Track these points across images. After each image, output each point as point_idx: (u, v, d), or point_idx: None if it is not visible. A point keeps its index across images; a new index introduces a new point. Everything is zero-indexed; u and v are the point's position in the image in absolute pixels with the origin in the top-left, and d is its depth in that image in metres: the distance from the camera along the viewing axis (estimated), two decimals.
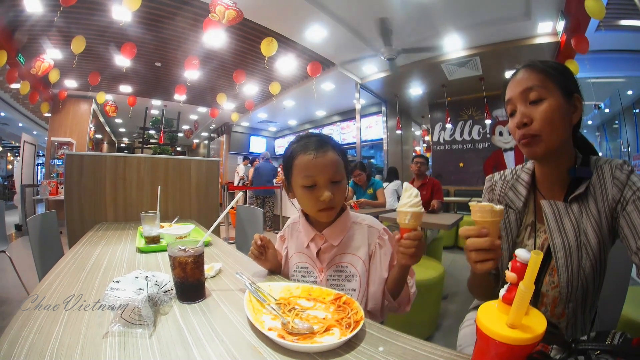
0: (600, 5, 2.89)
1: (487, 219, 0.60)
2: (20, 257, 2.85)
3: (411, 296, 0.86)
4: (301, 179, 0.84)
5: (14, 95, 6.57)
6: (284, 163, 0.91)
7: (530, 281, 0.36)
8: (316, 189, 0.83)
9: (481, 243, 0.60)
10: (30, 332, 0.56)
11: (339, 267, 0.89)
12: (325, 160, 0.83)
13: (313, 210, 0.86)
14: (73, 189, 2.08)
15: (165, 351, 0.52)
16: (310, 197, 0.84)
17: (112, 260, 1.10)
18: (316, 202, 0.83)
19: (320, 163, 0.82)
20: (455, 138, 6.76)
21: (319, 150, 0.83)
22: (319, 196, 0.82)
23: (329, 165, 0.83)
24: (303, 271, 0.93)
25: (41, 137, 9.24)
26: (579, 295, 0.74)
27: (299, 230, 0.97)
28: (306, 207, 0.88)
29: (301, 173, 0.83)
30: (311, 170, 0.82)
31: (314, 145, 0.84)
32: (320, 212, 0.85)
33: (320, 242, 0.90)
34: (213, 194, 2.68)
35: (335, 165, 0.84)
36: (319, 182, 0.83)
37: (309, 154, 0.83)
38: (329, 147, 0.85)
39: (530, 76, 0.74)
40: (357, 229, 0.92)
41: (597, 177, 0.74)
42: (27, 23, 4.20)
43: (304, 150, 0.84)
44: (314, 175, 0.82)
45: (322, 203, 0.83)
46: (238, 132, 10.79)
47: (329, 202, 0.82)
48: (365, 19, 4.19)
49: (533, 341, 0.36)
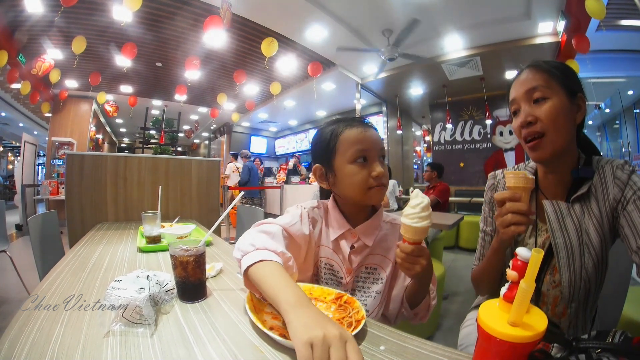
0: (601, 5, 2.89)
1: (519, 185, 0.65)
2: (20, 256, 2.85)
3: (430, 307, 0.81)
4: (350, 154, 0.77)
5: (14, 96, 6.57)
6: (320, 147, 0.83)
7: (531, 279, 0.36)
8: (367, 165, 0.78)
9: (519, 206, 0.65)
10: (31, 332, 0.56)
11: (367, 269, 0.84)
12: (373, 134, 0.80)
13: (362, 190, 0.77)
14: (74, 189, 2.08)
15: (167, 350, 0.52)
16: (361, 173, 0.77)
17: (113, 260, 1.10)
18: (367, 178, 0.76)
19: (370, 136, 0.79)
20: (455, 138, 6.75)
21: (366, 125, 0.81)
22: (371, 171, 0.77)
23: (377, 139, 0.80)
24: (327, 268, 0.85)
25: (42, 137, 9.24)
26: (582, 294, 0.74)
27: (323, 219, 0.87)
28: (355, 186, 0.78)
29: (351, 148, 0.78)
30: (362, 143, 0.77)
31: (357, 121, 0.81)
32: (370, 191, 0.77)
33: (353, 239, 0.83)
34: (214, 194, 2.68)
35: (381, 141, 0.82)
36: (370, 155, 0.78)
37: (357, 128, 0.79)
38: (370, 124, 0.83)
39: (534, 76, 0.74)
40: (389, 229, 0.87)
41: (599, 177, 0.74)
42: (27, 23, 4.21)
43: (349, 126, 0.80)
44: (366, 149, 0.77)
45: (374, 180, 0.77)
46: (238, 132, 10.81)
47: (381, 177, 0.77)
48: (365, 18, 4.19)
49: (534, 339, 0.36)
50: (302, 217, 0.83)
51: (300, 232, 0.80)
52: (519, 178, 0.66)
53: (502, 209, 0.68)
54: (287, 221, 0.80)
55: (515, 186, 0.66)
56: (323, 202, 0.89)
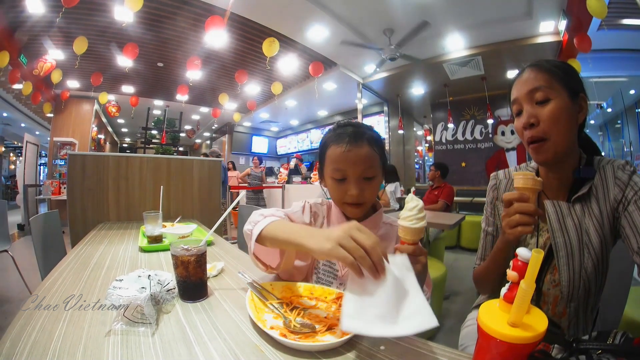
0: (602, 4, 2.88)
1: (528, 186, 0.65)
2: (22, 256, 2.87)
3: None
4: (331, 171, 0.80)
5: (16, 96, 6.60)
6: (319, 150, 0.87)
7: (532, 280, 0.36)
8: (345, 183, 0.79)
9: (526, 207, 0.65)
10: (32, 330, 0.56)
11: None
12: (358, 154, 0.77)
13: (340, 203, 0.83)
14: (76, 189, 2.09)
15: (168, 349, 0.52)
16: (338, 190, 0.80)
17: (115, 260, 1.10)
18: (343, 196, 0.79)
19: (352, 157, 0.77)
20: (457, 138, 6.74)
21: (352, 143, 0.77)
22: (346, 191, 0.78)
23: (362, 160, 0.77)
24: (328, 266, 0.86)
25: (43, 138, 9.28)
26: (581, 294, 0.74)
27: (325, 215, 0.89)
28: (334, 198, 0.84)
29: (331, 165, 0.79)
30: (342, 164, 0.77)
31: (348, 136, 0.78)
32: (346, 206, 0.81)
33: None
34: (215, 193, 2.68)
35: (368, 161, 0.78)
36: (349, 176, 0.78)
37: (341, 146, 0.77)
38: (364, 139, 0.78)
39: (536, 76, 0.73)
40: (388, 230, 0.87)
41: (600, 178, 0.74)
42: (29, 24, 4.22)
43: (337, 141, 0.79)
44: (344, 169, 0.77)
45: (349, 197, 0.78)
46: (240, 132, 10.82)
47: (357, 198, 0.78)
48: (366, 18, 4.18)
49: (534, 340, 0.36)
50: (304, 209, 0.88)
51: (300, 220, 0.86)
52: (527, 179, 0.66)
53: (509, 210, 0.67)
54: (289, 210, 0.87)
55: (524, 187, 0.66)
56: (327, 201, 0.91)
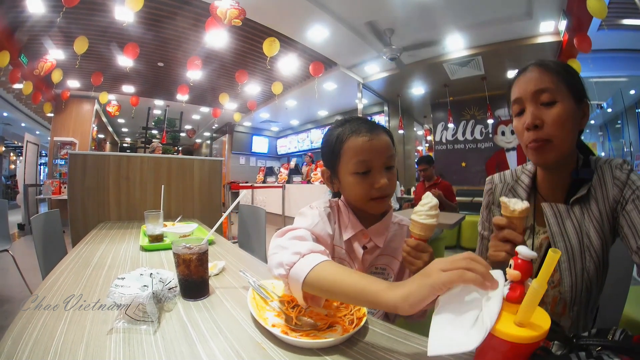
0: (602, 5, 2.89)
1: (515, 215, 0.64)
2: (23, 256, 2.86)
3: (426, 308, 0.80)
4: (353, 165, 0.75)
5: (16, 96, 6.61)
6: (327, 150, 0.81)
7: (545, 280, 0.36)
8: (370, 175, 0.74)
9: (514, 236, 0.63)
10: (34, 329, 0.56)
11: (377, 269, 0.83)
12: (381, 142, 0.75)
13: (364, 200, 0.76)
14: (76, 188, 2.09)
15: (170, 347, 0.52)
16: (363, 185, 0.75)
17: (116, 259, 1.10)
18: (369, 190, 0.74)
19: (376, 146, 0.74)
20: (457, 138, 6.74)
21: (373, 132, 0.75)
22: (373, 183, 0.74)
23: (385, 148, 0.75)
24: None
25: (44, 137, 9.28)
26: (584, 297, 0.73)
27: (336, 219, 0.85)
28: (356, 196, 0.77)
29: (354, 158, 0.75)
30: (366, 154, 0.74)
31: (366, 127, 0.76)
32: (372, 202, 0.76)
33: (365, 240, 0.81)
34: (216, 193, 2.68)
35: (390, 149, 0.76)
36: (375, 167, 0.74)
37: (363, 136, 0.74)
38: (380, 129, 0.78)
39: (541, 76, 0.71)
40: (397, 230, 0.86)
41: (598, 178, 0.73)
42: (29, 23, 4.23)
43: (356, 132, 0.75)
44: (369, 159, 0.74)
45: (376, 191, 0.74)
46: (240, 132, 10.84)
47: (387, 188, 0.75)
48: (367, 18, 4.19)
49: (539, 339, 0.36)
50: (322, 217, 0.79)
51: (324, 232, 0.76)
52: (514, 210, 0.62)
53: (499, 234, 0.65)
54: (309, 223, 0.76)
55: (512, 216, 0.63)
56: (334, 201, 0.87)
